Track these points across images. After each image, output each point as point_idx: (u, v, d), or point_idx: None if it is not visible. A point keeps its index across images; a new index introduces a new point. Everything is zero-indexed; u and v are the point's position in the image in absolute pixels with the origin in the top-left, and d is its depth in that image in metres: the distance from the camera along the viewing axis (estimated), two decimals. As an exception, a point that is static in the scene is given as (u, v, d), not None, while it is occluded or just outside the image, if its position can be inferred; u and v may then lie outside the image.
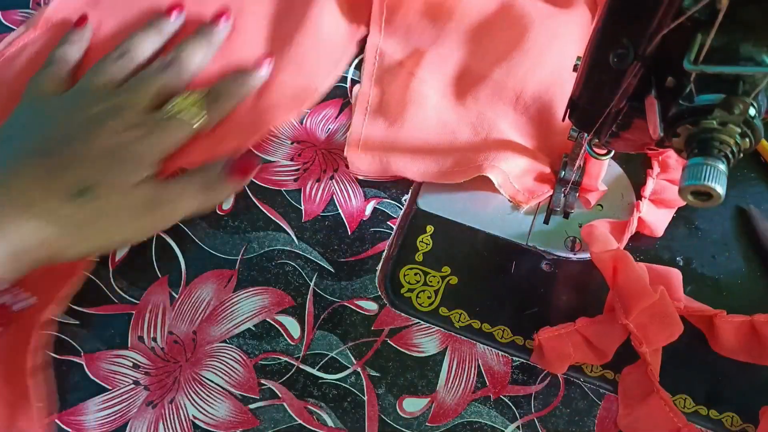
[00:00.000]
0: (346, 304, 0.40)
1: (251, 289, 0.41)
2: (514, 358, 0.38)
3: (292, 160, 0.45)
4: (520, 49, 0.46)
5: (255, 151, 0.45)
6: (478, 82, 0.46)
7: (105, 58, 0.45)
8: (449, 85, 0.47)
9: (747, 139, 0.24)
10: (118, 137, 0.40)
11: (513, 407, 0.37)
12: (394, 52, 0.48)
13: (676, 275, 0.38)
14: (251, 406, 0.37)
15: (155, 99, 0.43)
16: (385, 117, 0.45)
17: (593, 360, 0.37)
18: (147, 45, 0.47)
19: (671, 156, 0.42)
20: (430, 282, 0.41)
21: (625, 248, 0.39)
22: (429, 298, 0.40)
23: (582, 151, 0.38)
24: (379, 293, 0.40)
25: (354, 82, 0.48)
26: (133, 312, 0.40)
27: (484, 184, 0.42)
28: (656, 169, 0.42)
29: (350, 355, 0.39)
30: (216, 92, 0.45)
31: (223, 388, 0.38)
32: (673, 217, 0.42)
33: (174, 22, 0.48)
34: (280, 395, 0.38)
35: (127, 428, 0.37)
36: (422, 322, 0.40)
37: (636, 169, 0.43)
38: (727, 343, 0.37)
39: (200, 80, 0.47)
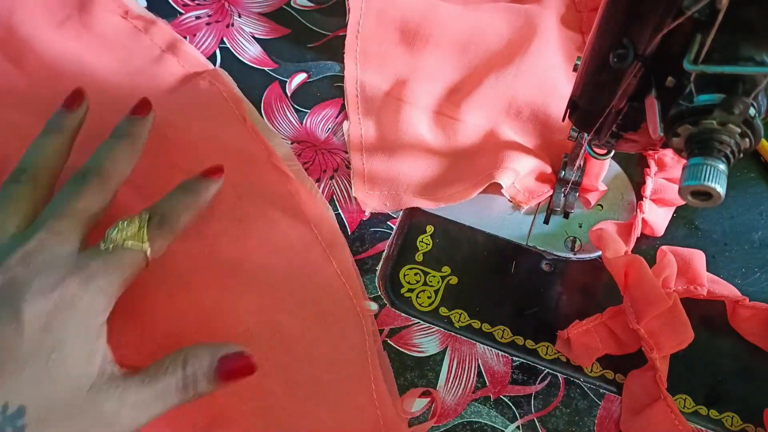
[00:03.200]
0: (346, 304, 0.40)
1: (251, 289, 0.41)
2: (514, 358, 0.38)
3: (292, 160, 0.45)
4: (505, 58, 0.46)
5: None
6: (468, 95, 0.45)
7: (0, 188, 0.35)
8: (440, 103, 0.46)
9: (747, 139, 0.24)
10: (43, 304, 0.30)
11: (513, 407, 0.37)
12: (376, 82, 0.47)
13: (699, 257, 0.38)
14: (251, 406, 0.37)
15: (82, 229, 0.34)
16: (383, 150, 0.44)
17: (618, 351, 0.37)
18: (50, 155, 0.37)
19: (667, 154, 0.43)
20: (430, 282, 0.41)
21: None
22: (429, 298, 0.40)
23: (582, 151, 0.38)
24: (379, 293, 0.40)
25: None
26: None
27: (484, 184, 0.42)
28: (653, 167, 0.42)
29: (350, 355, 0.39)
30: (161, 212, 0.36)
31: (223, 388, 0.38)
32: (673, 217, 0.42)
33: (76, 114, 0.40)
34: (280, 395, 0.38)
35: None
36: (422, 322, 0.40)
37: (635, 169, 0.43)
38: (749, 329, 0.37)
39: (126, 192, 0.39)
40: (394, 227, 0.43)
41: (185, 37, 0.50)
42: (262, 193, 0.42)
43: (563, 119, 0.34)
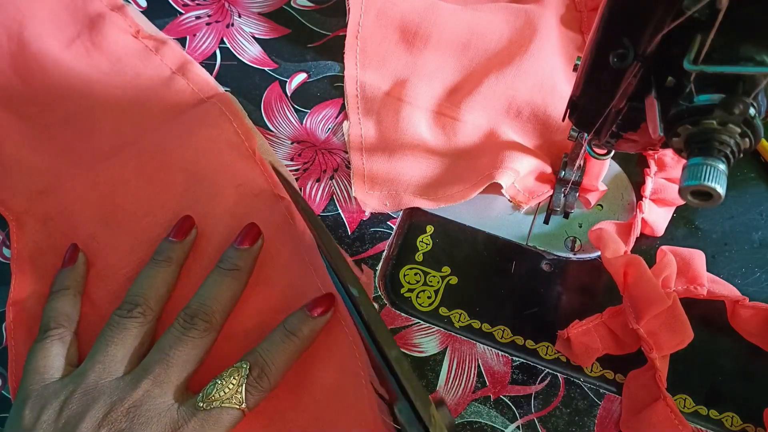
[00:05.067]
0: (346, 304, 0.40)
1: (251, 289, 0.41)
2: (514, 358, 0.38)
3: (292, 160, 0.45)
4: (505, 58, 0.46)
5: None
6: (468, 95, 0.45)
7: (111, 318, 0.36)
8: (440, 102, 0.46)
9: (747, 139, 0.24)
10: None
11: (513, 407, 0.37)
12: (376, 82, 0.47)
13: (699, 257, 0.38)
14: (251, 406, 0.37)
15: (185, 376, 0.35)
16: (383, 150, 0.44)
17: (618, 351, 0.37)
18: (160, 287, 0.38)
19: (667, 154, 0.43)
20: (430, 282, 0.41)
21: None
22: (429, 298, 0.40)
23: (582, 151, 0.38)
24: (379, 293, 0.40)
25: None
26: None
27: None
28: (653, 167, 0.42)
29: (350, 355, 0.39)
30: (260, 363, 0.35)
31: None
32: (673, 216, 0.42)
33: (185, 244, 0.40)
34: (280, 395, 0.38)
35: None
36: (422, 322, 0.40)
37: (635, 169, 0.43)
38: (749, 329, 0.38)
39: (140, 218, 0.41)
40: (394, 227, 0.43)
41: (185, 37, 0.50)
42: (266, 227, 0.41)
43: (563, 119, 0.34)
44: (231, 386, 0.34)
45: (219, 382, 0.34)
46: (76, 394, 0.34)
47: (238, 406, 0.34)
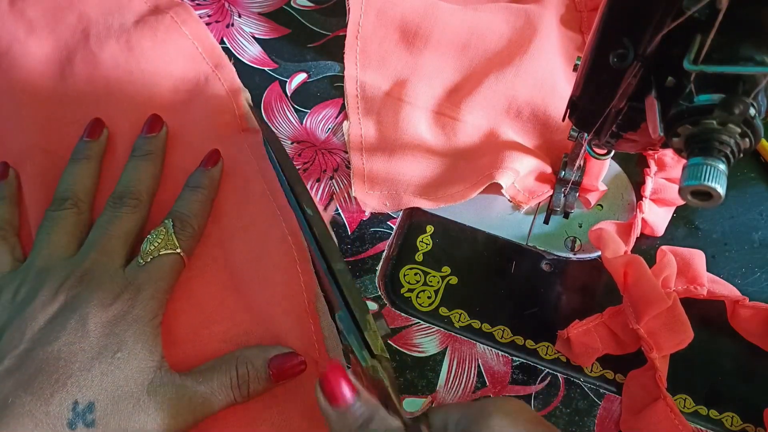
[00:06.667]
0: (346, 304, 0.40)
1: (251, 289, 0.41)
2: (514, 358, 0.38)
3: (292, 159, 0.45)
4: (505, 58, 0.46)
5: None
6: (468, 95, 0.45)
7: (46, 215, 0.39)
8: (441, 102, 0.46)
9: (747, 139, 0.24)
10: (104, 315, 0.34)
11: (513, 407, 0.37)
12: (376, 82, 0.47)
13: (699, 257, 0.38)
14: (251, 406, 0.37)
15: (127, 247, 0.38)
16: (383, 150, 0.44)
17: (618, 351, 0.37)
18: (85, 181, 0.41)
19: (667, 154, 0.43)
20: (430, 282, 0.41)
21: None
22: (429, 298, 0.40)
23: (582, 151, 0.38)
24: (379, 293, 0.40)
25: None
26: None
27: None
28: (653, 167, 0.42)
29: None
30: (179, 216, 0.39)
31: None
32: (673, 216, 0.42)
33: (100, 142, 0.43)
34: (280, 395, 0.38)
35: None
36: (422, 322, 0.40)
37: (635, 169, 0.43)
38: (749, 329, 0.37)
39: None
40: (394, 227, 0.43)
41: (185, 37, 0.50)
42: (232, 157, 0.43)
43: (563, 119, 0.34)
44: (161, 237, 0.37)
45: (149, 238, 0.37)
46: (29, 276, 0.36)
47: (173, 250, 0.37)
